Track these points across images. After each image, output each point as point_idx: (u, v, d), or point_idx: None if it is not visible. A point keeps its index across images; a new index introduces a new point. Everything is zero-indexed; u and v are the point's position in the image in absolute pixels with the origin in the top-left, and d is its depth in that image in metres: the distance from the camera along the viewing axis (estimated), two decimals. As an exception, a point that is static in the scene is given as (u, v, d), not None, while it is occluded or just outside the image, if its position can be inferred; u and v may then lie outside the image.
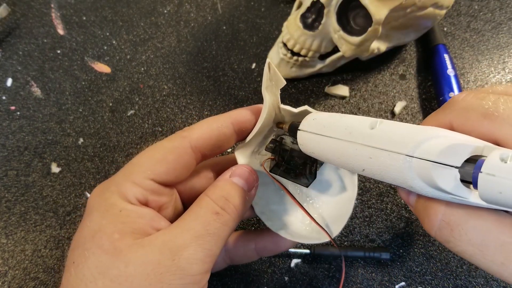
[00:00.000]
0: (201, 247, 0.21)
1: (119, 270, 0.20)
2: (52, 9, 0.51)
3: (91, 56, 0.48)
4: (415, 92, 0.44)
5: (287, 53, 0.41)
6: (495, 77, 0.44)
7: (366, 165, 0.19)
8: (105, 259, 0.20)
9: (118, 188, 0.23)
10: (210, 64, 0.47)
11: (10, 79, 0.46)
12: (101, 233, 0.21)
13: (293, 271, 0.37)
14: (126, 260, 0.20)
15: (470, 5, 0.48)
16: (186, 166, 0.25)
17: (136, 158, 0.25)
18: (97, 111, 0.45)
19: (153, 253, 0.20)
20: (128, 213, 0.22)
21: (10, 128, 0.44)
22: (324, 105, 0.44)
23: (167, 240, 0.21)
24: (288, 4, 0.50)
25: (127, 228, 0.21)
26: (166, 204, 0.25)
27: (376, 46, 0.40)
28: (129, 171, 0.24)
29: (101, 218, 0.22)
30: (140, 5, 0.51)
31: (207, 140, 0.25)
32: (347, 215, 0.27)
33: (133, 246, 0.21)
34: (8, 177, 0.41)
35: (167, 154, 0.24)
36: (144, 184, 0.23)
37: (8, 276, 0.37)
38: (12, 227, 0.39)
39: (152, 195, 0.24)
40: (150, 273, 0.20)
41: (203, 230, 0.22)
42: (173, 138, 0.25)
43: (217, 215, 0.22)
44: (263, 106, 0.25)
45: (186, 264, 0.20)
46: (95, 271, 0.20)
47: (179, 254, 0.20)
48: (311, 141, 0.22)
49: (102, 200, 0.23)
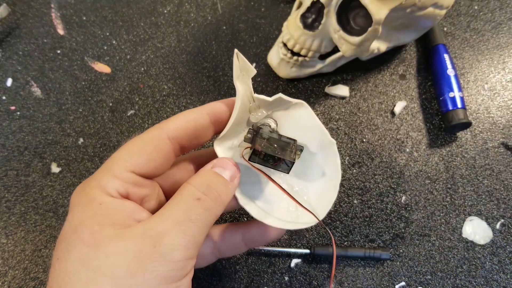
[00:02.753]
0: (183, 233, 0.21)
1: (100, 261, 0.20)
2: (52, 9, 0.51)
3: (91, 56, 0.48)
4: (415, 92, 0.44)
5: (287, 53, 0.41)
6: (495, 77, 0.44)
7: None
8: (86, 251, 0.20)
9: (98, 182, 0.23)
10: (210, 64, 0.47)
11: (10, 79, 0.46)
12: (82, 227, 0.21)
13: (293, 271, 0.37)
14: (107, 250, 0.20)
15: (470, 5, 0.48)
16: (165, 157, 0.25)
17: (115, 152, 0.25)
18: (97, 111, 0.45)
19: (133, 242, 0.20)
20: (107, 206, 0.22)
21: (10, 128, 0.44)
22: (324, 105, 0.44)
23: (148, 228, 0.21)
24: (288, 4, 0.50)
25: (107, 220, 0.21)
26: (148, 197, 0.25)
27: (376, 46, 0.40)
28: (108, 166, 0.24)
29: (81, 213, 0.22)
30: (140, 5, 0.51)
31: (183, 130, 0.25)
32: (332, 199, 0.27)
33: (113, 237, 0.21)
34: (8, 177, 0.41)
35: (145, 145, 0.24)
36: (124, 176, 0.23)
37: (8, 276, 0.37)
38: (12, 227, 0.39)
39: (133, 187, 0.24)
40: (131, 261, 0.20)
41: (184, 216, 0.22)
42: (150, 130, 0.25)
43: (198, 200, 0.22)
44: (236, 96, 0.25)
45: (167, 250, 0.20)
46: (77, 264, 0.20)
47: (159, 240, 0.20)
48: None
49: (83, 195, 0.23)
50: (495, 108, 0.43)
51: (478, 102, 0.43)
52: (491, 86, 0.44)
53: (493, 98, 0.43)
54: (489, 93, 0.43)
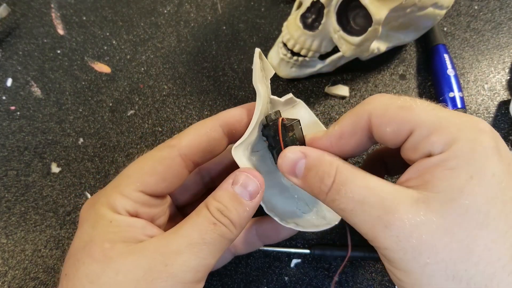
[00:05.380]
0: (196, 255, 0.21)
1: (109, 278, 0.19)
2: (52, 9, 0.51)
3: (91, 56, 0.48)
4: (415, 92, 0.44)
5: (287, 53, 0.41)
6: (495, 77, 0.44)
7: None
8: (96, 268, 0.20)
9: (107, 200, 0.23)
10: (210, 64, 0.47)
11: (10, 79, 0.46)
12: (92, 243, 0.21)
13: (293, 271, 0.37)
14: (117, 267, 0.20)
15: (470, 5, 0.48)
16: (177, 176, 0.25)
17: (126, 169, 0.24)
18: (97, 111, 0.45)
19: (145, 259, 0.20)
20: (118, 223, 0.22)
21: (10, 128, 0.44)
22: (324, 105, 0.44)
23: (161, 245, 0.21)
24: (288, 4, 0.50)
25: (118, 237, 0.21)
26: (158, 214, 0.25)
27: (376, 46, 0.40)
28: (118, 183, 0.24)
29: (91, 229, 0.22)
30: (140, 5, 0.51)
31: (196, 147, 0.25)
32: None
33: (124, 253, 0.20)
34: (8, 177, 0.41)
35: (156, 165, 0.24)
36: (133, 196, 0.23)
37: (8, 276, 0.37)
38: (12, 227, 0.39)
39: (143, 207, 0.24)
40: (140, 279, 0.19)
41: (199, 239, 0.21)
42: (161, 148, 0.25)
43: (214, 225, 0.22)
44: (257, 99, 0.24)
45: (179, 271, 0.20)
46: (85, 281, 0.20)
47: (172, 260, 0.20)
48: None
49: (92, 211, 0.23)
50: (495, 108, 0.43)
51: (478, 102, 0.43)
52: (491, 86, 0.44)
53: (493, 98, 0.43)
54: (489, 93, 0.43)
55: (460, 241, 0.17)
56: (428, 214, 0.17)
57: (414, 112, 0.19)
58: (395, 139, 0.20)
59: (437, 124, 0.19)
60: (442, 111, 0.19)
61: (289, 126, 0.24)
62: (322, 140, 0.23)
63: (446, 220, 0.17)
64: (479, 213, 0.17)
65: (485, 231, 0.17)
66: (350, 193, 0.20)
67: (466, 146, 0.18)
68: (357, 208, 0.19)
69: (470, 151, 0.18)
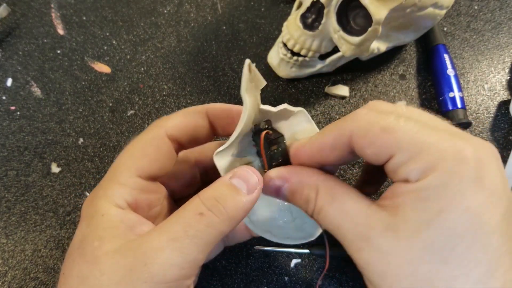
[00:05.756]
0: (178, 251, 0.20)
1: (95, 278, 0.19)
2: (52, 9, 0.51)
3: (91, 56, 0.48)
4: (415, 92, 0.44)
5: (287, 53, 0.41)
6: (495, 77, 0.44)
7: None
8: (85, 268, 0.20)
9: (104, 192, 0.23)
10: (210, 64, 0.47)
11: (10, 79, 0.46)
12: (84, 242, 0.21)
13: (293, 271, 0.37)
14: (102, 268, 0.20)
15: (470, 5, 0.48)
16: (167, 155, 0.25)
17: (117, 159, 0.24)
18: (97, 111, 0.45)
19: (126, 259, 0.20)
20: (110, 218, 0.22)
21: (10, 128, 0.44)
22: (324, 105, 0.44)
23: (143, 242, 0.20)
24: (288, 4, 0.50)
25: (108, 234, 0.21)
26: (154, 202, 0.25)
27: (376, 46, 0.40)
28: (113, 174, 0.24)
29: (86, 227, 0.22)
30: (140, 5, 0.51)
31: (182, 128, 0.25)
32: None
33: (109, 253, 0.20)
34: (8, 177, 0.41)
35: (146, 146, 0.24)
36: (130, 182, 0.23)
37: (8, 276, 0.37)
38: (12, 227, 0.39)
39: (141, 194, 0.24)
40: (121, 280, 0.19)
41: (181, 232, 0.20)
42: (149, 129, 0.25)
43: (200, 216, 0.21)
44: (243, 109, 0.24)
45: (159, 270, 0.19)
46: (76, 281, 0.20)
47: (152, 258, 0.19)
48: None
49: (90, 207, 0.23)
50: (495, 108, 0.43)
51: (478, 102, 0.43)
52: (491, 86, 0.44)
53: (493, 98, 0.43)
54: (489, 93, 0.43)
55: (422, 274, 0.17)
56: (395, 243, 0.18)
57: (395, 135, 0.19)
58: (376, 161, 0.20)
59: (417, 150, 0.18)
60: (428, 133, 0.18)
61: (273, 140, 0.25)
62: (305, 151, 0.23)
63: (411, 251, 0.18)
64: (443, 248, 0.17)
65: (448, 268, 0.17)
66: (328, 217, 0.21)
67: (442, 177, 0.17)
68: (335, 231, 0.21)
69: (445, 183, 0.17)
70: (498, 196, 0.17)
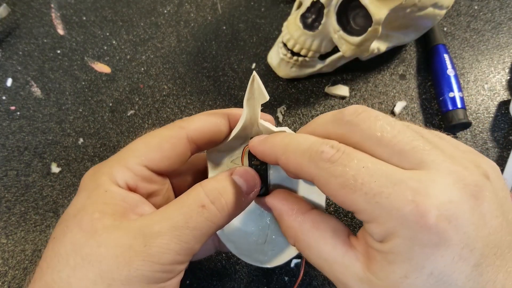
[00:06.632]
0: (177, 239, 0.21)
1: (91, 249, 0.20)
2: (52, 9, 0.51)
3: (91, 56, 0.48)
4: (415, 92, 0.44)
5: (287, 53, 0.41)
6: (495, 77, 0.44)
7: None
8: (81, 237, 0.20)
9: (109, 170, 0.23)
10: (210, 64, 0.47)
11: (10, 79, 0.46)
12: (83, 212, 0.21)
13: (293, 271, 0.37)
14: (100, 240, 0.20)
15: (470, 5, 0.48)
16: (181, 156, 0.25)
17: (132, 143, 0.25)
18: (97, 111, 0.45)
19: (127, 237, 0.20)
20: (112, 195, 0.22)
21: (10, 128, 0.44)
22: (324, 105, 0.44)
23: (144, 225, 0.21)
24: (288, 4, 0.50)
25: (109, 209, 0.21)
26: (157, 192, 0.25)
27: (376, 46, 0.40)
28: (122, 155, 0.24)
29: (86, 198, 0.22)
30: (140, 5, 0.51)
31: (203, 133, 0.25)
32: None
33: (109, 228, 0.20)
34: (8, 177, 0.41)
35: (163, 142, 0.24)
36: (136, 169, 0.23)
37: (8, 276, 0.37)
38: (12, 227, 0.39)
39: (143, 182, 0.24)
40: (119, 255, 0.20)
41: (182, 222, 0.21)
42: (171, 127, 0.25)
43: (202, 208, 0.22)
44: (240, 118, 0.24)
45: (157, 252, 0.20)
46: (69, 248, 0.20)
47: (151, 241, 0.20)
48: None
49: (91, 180, 0.23)
50: (495, 108, 0.43)
51: (478, 102, 0.43)
52: (491, 86, 0.44)
53: (493, 98, 0.43)
54: (489, 93, 0.43)
55: None
56: None
57: (353, 197, 0.18)
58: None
59: (376, 215, 0.18)
60: (389, 193, 0.17)
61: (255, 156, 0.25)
62: (260, 149, 0.24)
63: None
64: None
65: None
66: (309, 259, 0.22)
67: (404, 245, 0.17)
68: (318, 268, 0.22)
69: (408, 250, 0.17)
70: (469, 248, 0.17)
